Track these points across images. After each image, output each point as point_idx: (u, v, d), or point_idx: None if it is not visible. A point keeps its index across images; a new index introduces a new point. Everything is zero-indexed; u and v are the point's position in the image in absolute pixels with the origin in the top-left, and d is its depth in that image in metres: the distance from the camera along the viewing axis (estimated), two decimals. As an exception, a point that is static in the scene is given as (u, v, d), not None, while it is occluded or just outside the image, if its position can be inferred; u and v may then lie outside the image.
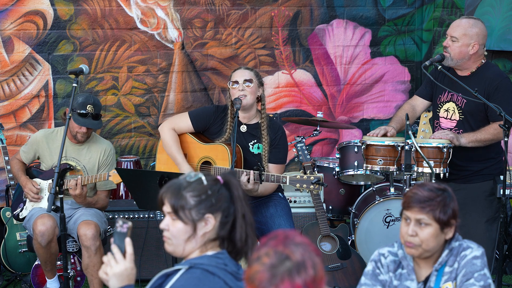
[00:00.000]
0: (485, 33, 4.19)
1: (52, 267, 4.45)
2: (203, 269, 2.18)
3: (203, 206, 2.27)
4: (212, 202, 2.28)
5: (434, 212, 2.66)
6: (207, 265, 2.20)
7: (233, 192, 2.31)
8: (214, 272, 2.19)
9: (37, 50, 5.52)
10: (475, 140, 4.11)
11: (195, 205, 2.27)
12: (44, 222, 4.27)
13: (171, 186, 2.31)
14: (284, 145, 4.35)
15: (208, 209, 2.27)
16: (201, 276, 2.16)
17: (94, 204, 4.53)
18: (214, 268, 2.20)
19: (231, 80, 4.28)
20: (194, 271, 2.17)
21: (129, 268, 2.24)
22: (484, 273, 2.66)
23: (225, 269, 2.21)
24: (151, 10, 5.83)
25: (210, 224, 2.27)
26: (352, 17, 6.47)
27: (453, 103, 4.24)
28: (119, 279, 2.22)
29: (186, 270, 2.19)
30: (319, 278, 1.76)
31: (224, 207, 2.30)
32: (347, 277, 4.77)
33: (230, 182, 2.33)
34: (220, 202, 2.29)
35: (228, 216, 2.29)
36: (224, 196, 2.30)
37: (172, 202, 2.28)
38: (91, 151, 4.57)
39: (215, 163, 4.27)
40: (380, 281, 2.80)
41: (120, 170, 4.25)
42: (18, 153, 4.71)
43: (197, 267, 2.19)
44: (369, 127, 6.65)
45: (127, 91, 5.85)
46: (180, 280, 2.17)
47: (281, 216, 4.23)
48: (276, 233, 1.83)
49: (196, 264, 2.20)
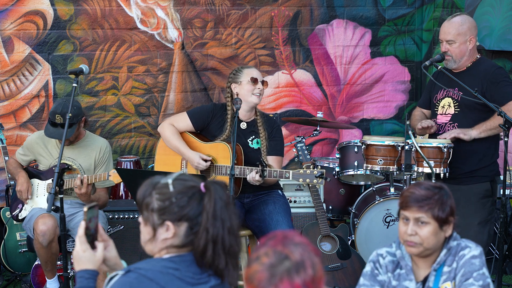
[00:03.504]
0: (474, 24, 4.26)
1: (52, 267, 4.45)
2: (139, 274, 2.10)
3: (164, 213, 2.16)
4: (174, 211, 2.15)
5: (433, 211, 2.67)
6: (147, 270, 2.11)
7: (205, 205, 2.17)
8: (152, 277, 2.09)
9: (37, 50, 5.52)
10: (486, 128, 4.11)
11: (157, 209, 2.17)
12: (45, 222, 4.27)
13: (151, 180, 2.23)
14: (281, 137, 4.40)
15: (168, 217, 2.16)
16: (134, 281, 2.08)
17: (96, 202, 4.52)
18: (155, 273, 2.10)
19: (249, 76, 4.27)
20: (130, 275, 2.10)
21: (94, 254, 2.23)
22: (483, 273, 2.65)
23: (173, 274, 2.12)
24: (151, 10, 5.83)
25: (170, 232, 2.16)
26: (352, 17, 6.47)
27: (449, 98, 4.26)
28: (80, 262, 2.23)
29: (123, 274, 2.11)
30: (318, 278, 1.76)
31: (190, 217, 2.16)
32: (347, 277, 4.77)
33: (209, 195, 2.18)
34: (184, 212, 2.16)
35: (194, 228, 2.16)
36: (193, 207, 2.17)
37: (140, 197, 2.21)
38: (87, 150, 4.57)
39: (217, 162, 4.27)
40: (378, 282, 2.80)
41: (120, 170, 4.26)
42: (14, 155, 4.71)
43: (135, 271, 2.11)
44: (369, 127, 6.66)
45: (127, 91, 5.85)
46: (114, 285, 2.10)
47: (279, 213, 4.24)
48: (275, 233, 1.83)
49: (135, 268, 2.12)
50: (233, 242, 2.18)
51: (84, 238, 2.22)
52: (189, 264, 2.16)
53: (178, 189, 2.18)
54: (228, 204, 2.20)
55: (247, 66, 4.40)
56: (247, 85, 4.25)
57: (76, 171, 4.51)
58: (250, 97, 4.26)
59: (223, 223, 2.17)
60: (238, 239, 2.21)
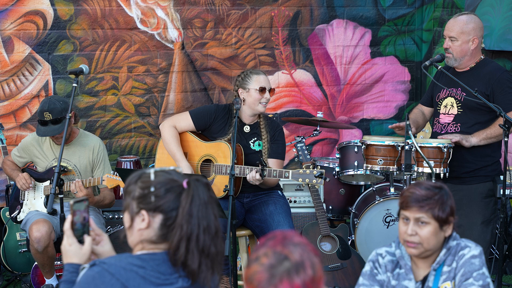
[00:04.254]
0: (481, 25, 4.21)
1: (50, 269, 4.45)
2: (102, 268, 2.10)
3: (141, 201, 2.16)
4: (150, 200, 2.16)
5: (433, 211, 2.67)
6: (110, 265, 2.11)
7: (181, 201, 2.15)
8: (114, 272, 2.09)
9: (37, 50, 5.53)
10: (486, 137, 4.10)
11: (137, 197, 2.17)
12: (39, 229, 4.26)
13: (141, 170, 2.24)
14: (283, 140, 4.39)
15: (144, 206, 2.16)
16: (96, 275, 2.09)
17: (102, 201, 4.51)
18: (117, 268, 2.10)
19: (258, 85, 4.25)
20: (93, 269, 2.11)
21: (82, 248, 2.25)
22: (483, 272, 2.65)
23: (136, 271, 2.11)
24: (151, 10, 5.83)
25: (145, 222, 2.16)
26: (352, 17, 6.47)
27: (452, 97, 4.25)
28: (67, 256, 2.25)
29: (88, 267, 2.12)
30: (317, 278, 1.76)
31: (165, 210, 2.15)
32: (347, 277, 4.77)
33: (187, 192, 2.17)
34: (159, 203, 2.15)
35: (168, 222, 2.16)
36: (169, 200, 2.16)
37: (126, 184, 2.22)
38: (80, 150, 4.54)
39: (216, 161, 4.28)
40: (378, 281, 2.80)
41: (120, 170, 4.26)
42: (9, 156, 4.70)
43: (99, 265, 2.11)
44: (369, 127, 6.66)
45: (127, 91, 5.85)
46: (80, 278, 2.13)
47: (280, 214, 4.24)
48: (275, 233, 1.83)
49: (100, 262, 2.12)
50: (208, 243, 2.16)
51: (70, 232, 2.24)
52: (159, 263, 2.15)
53: (158, 180, 2.18)
54: (208, 204, 2.18)
55: (256, 72, 4.34)
56: (255, 93, 4.24)
57: (71, 172, 4.50)
58: (257, 106, 4.27)
59: (199, 221, 2.15)
60: (216, 240, 2.19)
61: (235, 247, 3.85)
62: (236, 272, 3.87)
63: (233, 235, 3.77)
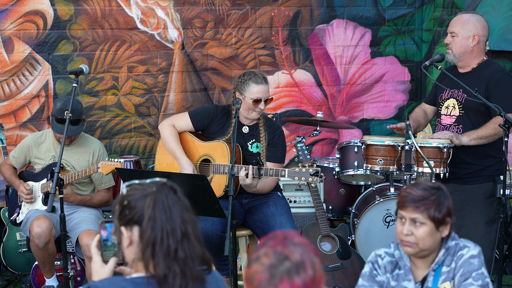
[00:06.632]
0: (484, 24, 4.20)
1: (50, 267, 4.45)
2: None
3: (120, 218, 2.14)
4: (125, 214, 2.13)
5: (429, 211, 2.66)
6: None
7: (145, 201, 2.11)
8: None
9: (37, 50, 5.53)
10: (477, 137, 4.09)
11: (117, 215, 2.16)
12: (40, 224, 4.27)
13: None
14: (282, 144, 4.35)
15: (122, 222, 2.14)
16: None
17: (88, 201, 4.53)
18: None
19: (254, 96, 4.18)
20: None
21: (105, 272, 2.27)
22: (482, 272, 2.65)
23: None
24: (151, 10, 5.83)
25: (127, 238, 2.14)
26: (352, 17, 6.47)
27: (454, 99, 4.25)
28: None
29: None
30: (318, 278, 1.76)
31: (137, 220, 2.12)
32: (347, 277, 4.77)
33: (151, 197, 2.12)
34: (132, 214, 2.12)
35: (141, 229, 2.11)
36: (140, 209, 2.12)
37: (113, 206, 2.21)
38: (80, 152, 4.56)
39: (214, 160, 4.28)
40: (377, 282, 2.80)
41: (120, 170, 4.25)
42: (7, 159, 4.71)
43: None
44: (369, 127, 6.66)
45: (127, 91, 5.85)
46: None
47: (282, 215, 4.24)
48: (275, 233, 1.83)
49: (93, 286, 2.10)
50: (174, 246, 2.11)
51: (95, 250, 2.27)
52: (154, 287, 2.10)
53: (130, 193, 2.16)
54: (173, 207, 2.14)
55: (255, 80, 4.21)
56: (249, 102, 4.21)
57: (68, 172, 4.50)
58: (250, 114, 4.25)
59: (163, 225, 2.11)
60: (185, 244, 2.14)
61: (235, 247, 3.85)
62: (236, 272, 3.87)
63: (233, 235, 3.77)
